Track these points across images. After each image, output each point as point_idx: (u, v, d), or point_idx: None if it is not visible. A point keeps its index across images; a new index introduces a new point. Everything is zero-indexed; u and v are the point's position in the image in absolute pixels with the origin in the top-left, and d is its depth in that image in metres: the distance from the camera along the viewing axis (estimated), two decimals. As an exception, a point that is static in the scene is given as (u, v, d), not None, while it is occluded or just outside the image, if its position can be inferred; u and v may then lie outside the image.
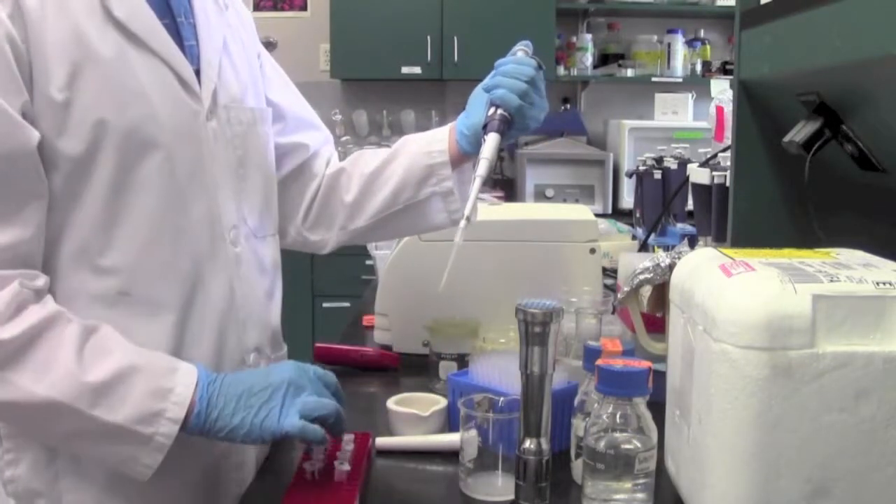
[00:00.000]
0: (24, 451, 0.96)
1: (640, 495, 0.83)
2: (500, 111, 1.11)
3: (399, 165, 1.23)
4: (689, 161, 1.85)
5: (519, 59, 1.14)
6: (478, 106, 1.16)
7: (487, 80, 1.15)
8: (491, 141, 1.09)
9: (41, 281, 0.90)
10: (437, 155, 1.21)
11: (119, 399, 0.88)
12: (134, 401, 0.89)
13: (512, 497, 0.91)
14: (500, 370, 1.04)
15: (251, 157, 1.10)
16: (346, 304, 3.49)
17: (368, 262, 2.03)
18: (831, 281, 0.74)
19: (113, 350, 0.90)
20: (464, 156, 1.20)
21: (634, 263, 1.28)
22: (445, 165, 1.20)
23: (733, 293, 0.75)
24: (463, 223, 1.02)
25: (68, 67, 0.90)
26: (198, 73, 1.02)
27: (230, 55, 1.09)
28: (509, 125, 1.11)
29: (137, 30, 0.95)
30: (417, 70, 3.98)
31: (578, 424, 0.94)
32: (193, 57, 1.02)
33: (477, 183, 1.05)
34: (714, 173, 1.45)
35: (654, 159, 1.98)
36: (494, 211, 1.55)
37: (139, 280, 0.96)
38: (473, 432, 0.94)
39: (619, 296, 1.26)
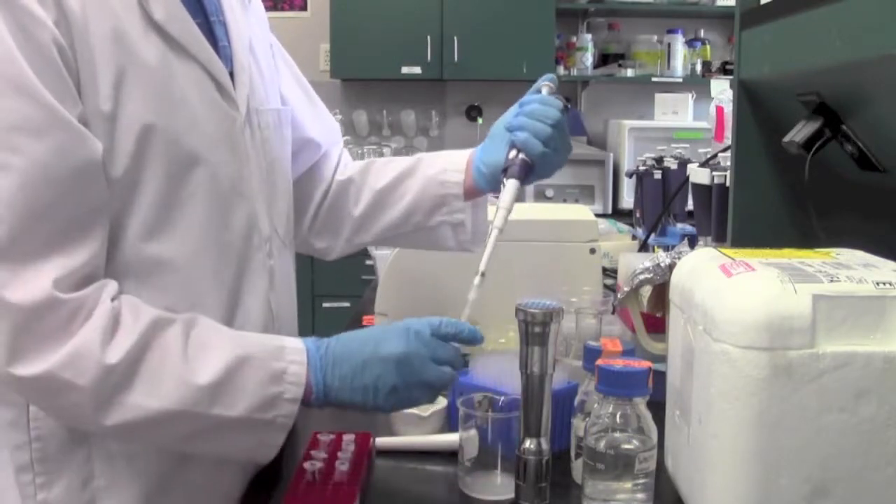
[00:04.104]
0: (57, 475, 0.91)
1: (640, 495, 0.83)
2: (521, 156, 1.05)
3: (411, 187, 1.19)
4: (689, 161, 1.85)
5: (545, 100, 1.08)
6: (498, 144, 1.11)
7: (510, 118, 1.09)
8: (510, 188, 1.04)
9: (114, 285, 0.86)
10: (451, 186, 1.17)
11: (235, 393, 0.86)
12: (250, 390, 0.87)
13: (511, 496, 0.91)
14: (500, 370, 1.04)
15: (277, 162, 1.07)
16: (346, 304, 3.49)
17: (368, 263, 2.03)
18: (831, 281, 0.74)
19: (216, 343, 0.88)
20: (478, 191, 1.17)
21: (634, 263, 1.28)
22: (458, 198, 1.17)
23: (733, 293, 0.75)
24: (478, 280, 0.97)
25: (113, 74, 0.85)
26: (231, 75, 0.98)
27: (255, 54, 1.05)
28: (530, 170, 1.06)
29: (177, 34, 0.90)
30: (417, 70, 3.98)
31: (578, 424, 0.94)
32: (227, 59, 0.98)
33: (493, 235, 1.00)
34: (714, 173, 1.45)
35: (654, 159, 1.98)
36: (495, 211, 1.55)
37: (184, 297, 0.92)
38: (473, 432, 0.94)
39: (619, 296, 1.26)
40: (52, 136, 0.81)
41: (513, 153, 1.06)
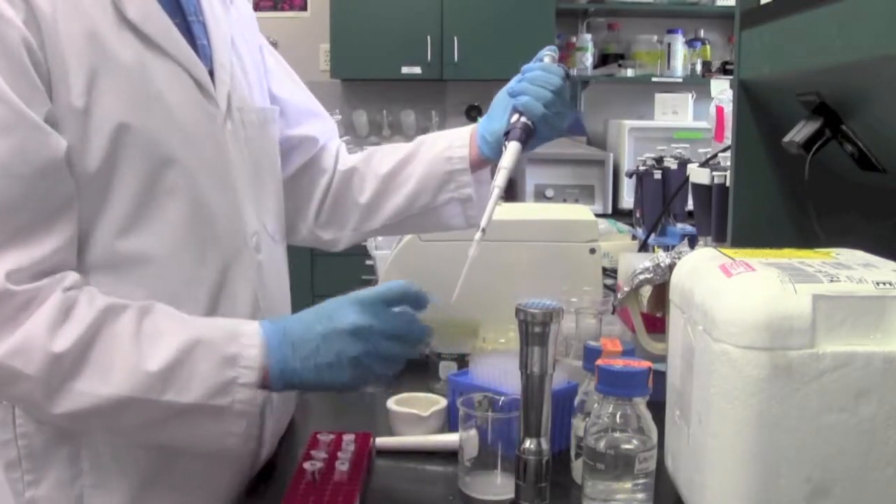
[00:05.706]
0: (45, 471, 0.92)
1: (640, 495, 0.83)
2: (523, 119, 1.08)
3: (416, 169, 1.20)
4: (689, 161, 1.85)
5: (546, 67, 1.11)
6: (501, 110, 1.13)
7: (513, 85, 1.12)
8: (511, 150, 1.06)
9: (73, 276, 0.87)
10: (457, 161, 1.18)
11: (187, 378, 0.86)
12: (203, 376, 0.86)
13: (511, 496, 0.91)
14: (500, 370, 1.04)
15: (263, 159, 1.07)
16: (346, 304, 3.49)
17: (368, 263, 2.02)
18: (831, 281, 0.74)
19: (168, 329, 0.87)
20: (484, 161, 1.17)
21: (634, 263, 1.28)
22: (465, 172, 1.18)
23: (733, 293, 0.75)
24: (478, 235, 0.99)
25: (86, 72, 0.86)
26: (210, 74, 0.98)
27: (238, 53, 1.06)
28: (531, 134, 1.08)
29: (152, 32, 0.91)
30: (417, 70, 3.98)
31: (578, 424, 0.94)
32: (206, 57, 0.99)
33: (495, 194, 1.02)
34: (714, 173, 1.45)
35: (654, 159, 1.98)
36: (495, 211, 1.55)
37: (164, 291, 0.92)
38: (473, 432, 0.94)
39: (619, 296, 1.26)
40: (15, 135, 0.82)
41: (514, 117, 1.09)
